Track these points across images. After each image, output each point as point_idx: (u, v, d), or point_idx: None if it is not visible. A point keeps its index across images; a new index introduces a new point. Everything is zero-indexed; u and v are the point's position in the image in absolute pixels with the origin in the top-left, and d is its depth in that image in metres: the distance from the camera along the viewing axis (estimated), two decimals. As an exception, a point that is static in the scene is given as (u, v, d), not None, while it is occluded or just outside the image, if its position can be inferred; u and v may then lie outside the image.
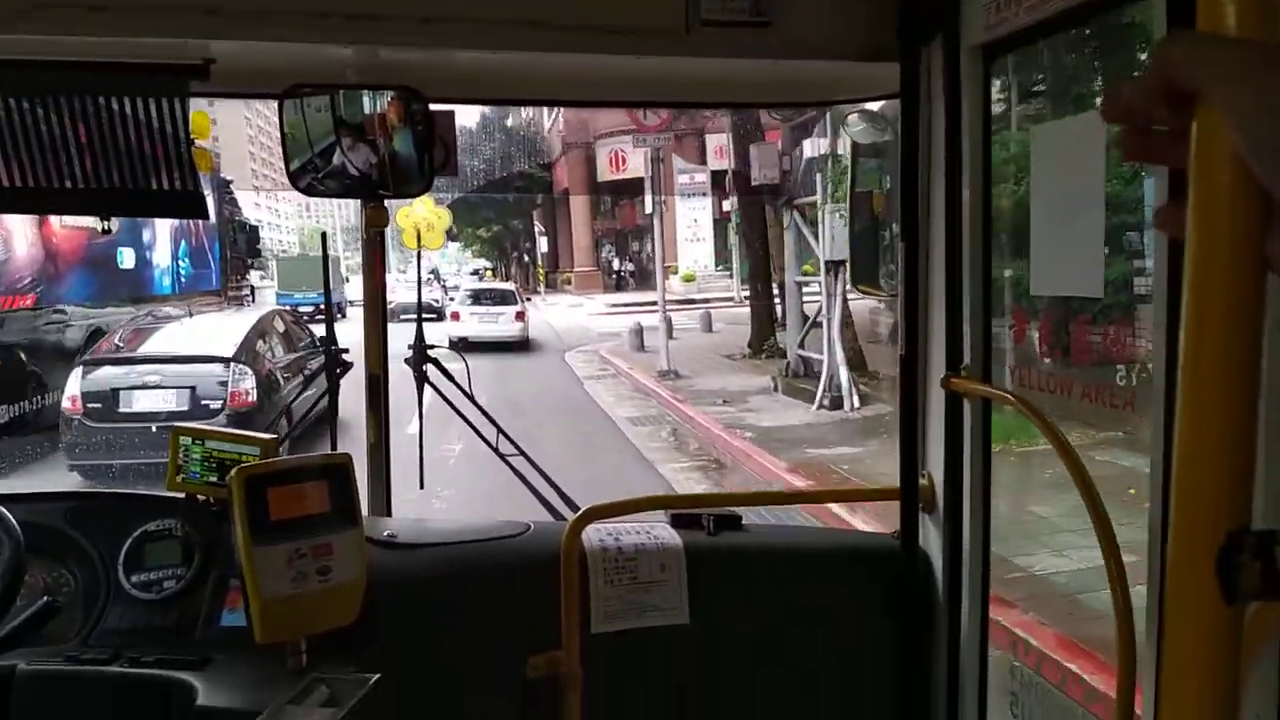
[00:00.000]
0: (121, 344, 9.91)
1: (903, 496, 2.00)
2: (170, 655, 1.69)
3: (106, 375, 8.83)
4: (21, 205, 1.81)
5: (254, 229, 21.47)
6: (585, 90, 2.23)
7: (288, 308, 13.54)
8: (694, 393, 13.19)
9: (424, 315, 2.67)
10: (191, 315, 11.81)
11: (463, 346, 18.21)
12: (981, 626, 1.93)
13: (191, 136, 1.84)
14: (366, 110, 2.02)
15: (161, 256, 14.58)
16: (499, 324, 19.67)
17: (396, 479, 2.32)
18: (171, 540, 1.89)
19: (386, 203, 2.21)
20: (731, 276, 30.47)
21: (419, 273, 2.96)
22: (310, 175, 2.04)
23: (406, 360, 2.40)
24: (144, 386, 8.72)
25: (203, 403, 8.70)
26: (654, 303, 27.97)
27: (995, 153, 1.83)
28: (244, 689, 1.58)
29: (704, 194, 31.67)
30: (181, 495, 1.93)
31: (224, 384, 8.81)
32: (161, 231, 14.17)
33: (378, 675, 1.54)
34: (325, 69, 1.93)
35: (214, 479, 1.89)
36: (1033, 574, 4.91)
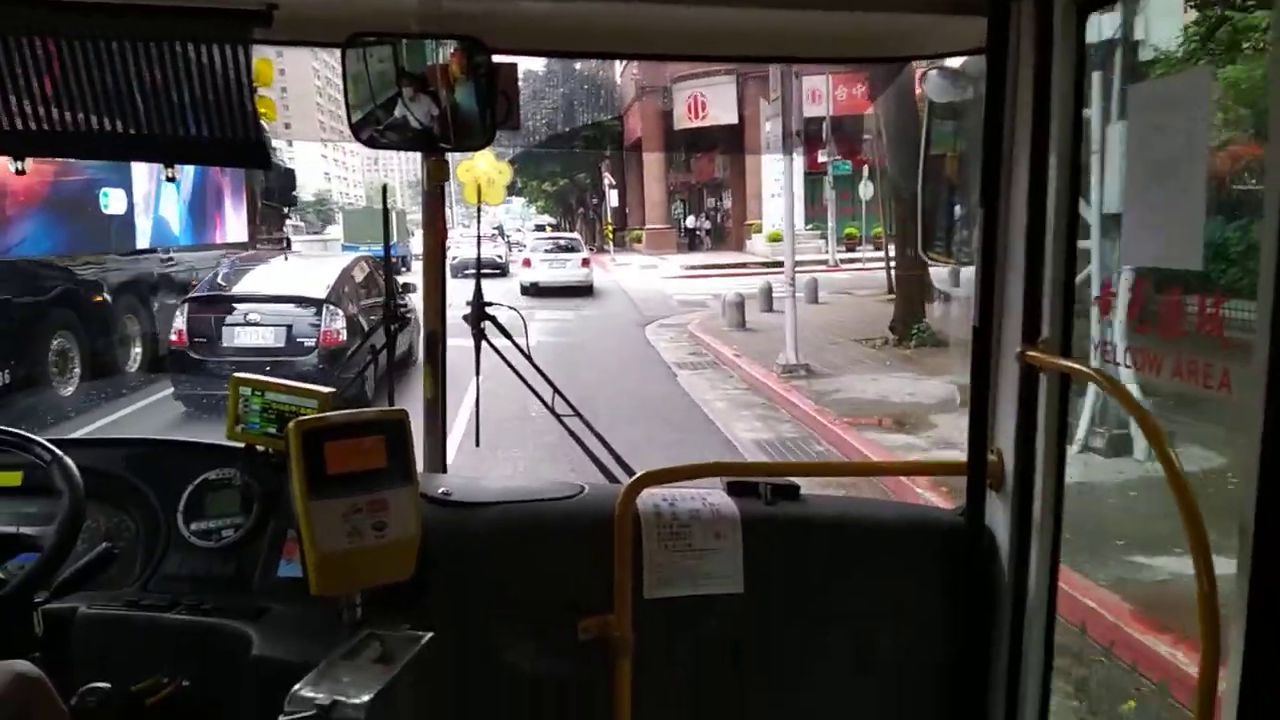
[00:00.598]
0: (223, 283, 10.53)
1: (970, 472, 1.93)
2: (227, 604, 1.71)
3: (210, 313, 9.50)
4: (80, 149, 1.82)
5: (289, 173, 18.91)
6: (653, 42, 2.16)
7: (369, 256, 13.66)
8: (843, 403, 9.47)
9: (488, 271, 2.64)
10: (286, 258, 12.77)
11: (534, 291, 20.93)
12: (1048, 610, 1.86)
13: (254, 84, 1.82)
14: (429, 61, 1.98)
15: (161, 202, 12.40)
16: (566, 269, 21.94)
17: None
18: (231, 490, 1.91)
19: (448, 157, 2.17)
20: (824, 238, 28.21)
21: (478, 228, 2.93)
22: (372, 127, 2.01)
23: (465, 317, 2.38)
24: (245, 324, 9.40)
25: (297, 340, 9.31)
26: (735, 266, 27.00)
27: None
28: (298, 641, 1.59)
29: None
30: (241, 445, 1.94)
31: (315, 324, 9.34)
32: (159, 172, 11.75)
33: (431, 634, 1.54)
34: (388, 18, 1.89)
35: (273, 430, 1.90)
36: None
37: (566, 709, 1.89)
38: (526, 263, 22.44)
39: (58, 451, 1.68)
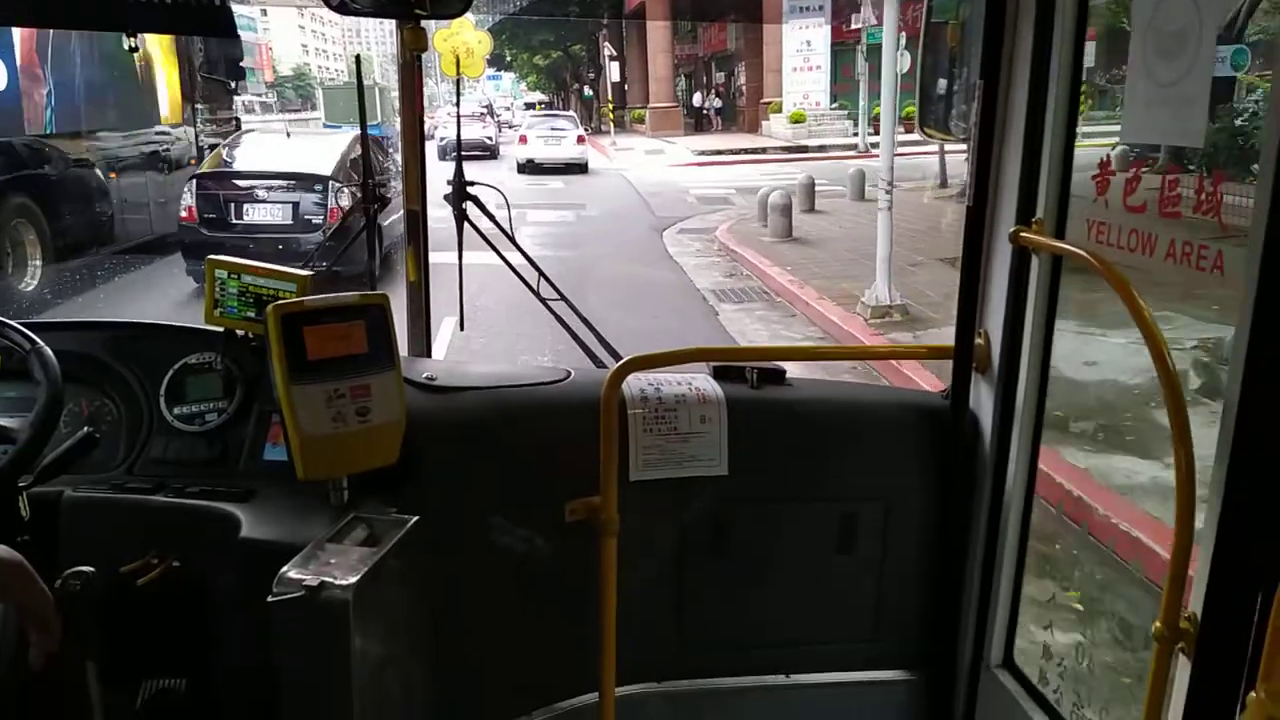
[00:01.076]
0: (230, 160, 10.34)
1: (956, 354, 1.92)
2: (213, 487, 1.72)
3: (218, 189, 9.36)
4: (26, 16, 1.71)
5: (235, 40, 14.39)
6: None
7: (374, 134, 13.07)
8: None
9: (478, 154, 2.56)
10: (289, 135, 12.33)
11: (530, 168, 21.09)
12: (1026, 493, 1.89)
13: None
14: (401, -80, 1.85)
15: (56, 78, 9.52)
16: (561, 146, 21.84)
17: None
18: (212, 374, 1.89)
19: (425, 25, 2.06)
20: (854, 120, 24.77)
21: (458, 101, 2.82)
22: (343, -9, 1.89)
23: (445, 197, 2.31)
24: (253, 200, 9.30)
25: (305, 217, 9.20)
26: (752, 151, 25.02)
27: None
28: (286, 523, 1.60)
29: (821, 7, 25.81)
30: (220, 329, 1.91)
31: (321, 202, 9.22)
32: (42, 41, 9.16)
33: (416, 517, 1.55)
34: None
35: (251, 314, 1.87)
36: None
37: (553, 590, 1.94)
38: (523, 140, 22.33)
39: (35, 338, 1.64)
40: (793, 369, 2.12)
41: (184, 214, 9.38)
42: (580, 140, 22.56)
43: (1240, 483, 1.19)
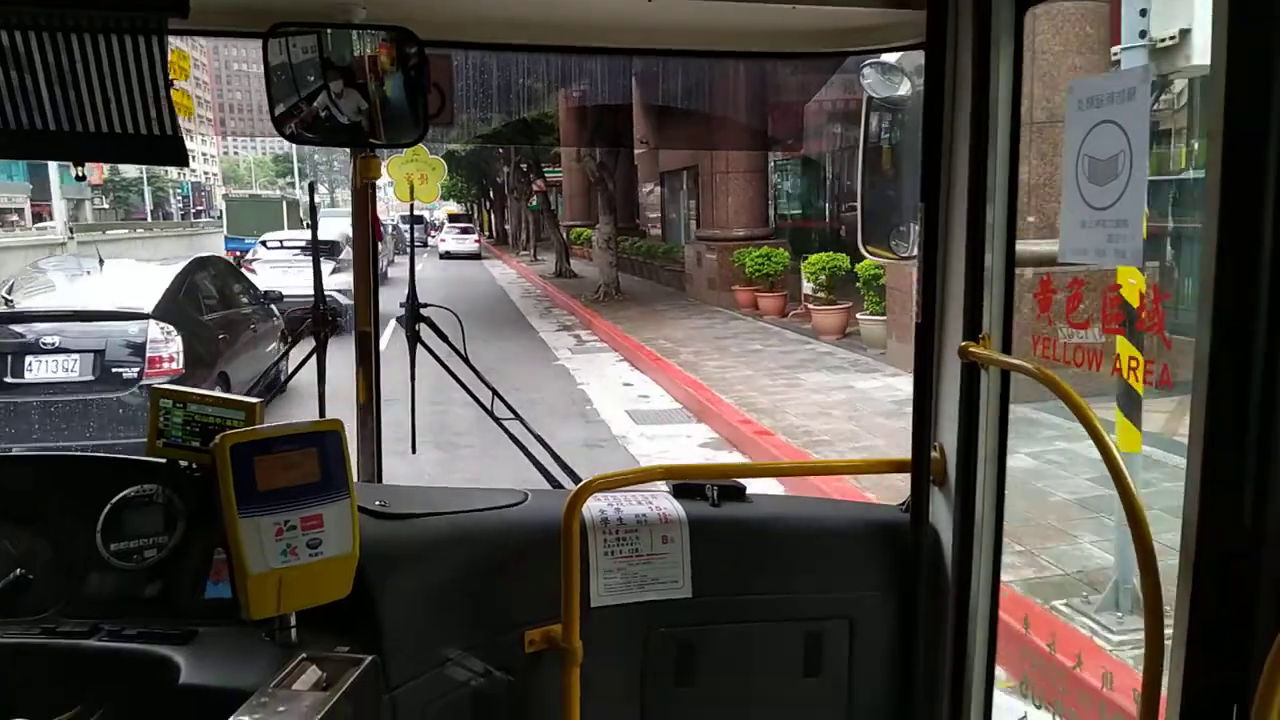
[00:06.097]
0: (9, 296, 7.79)
1: (914, 468, 1.93)
2: (152, 629, 1.62)
3: None
4: None
5: None
6: (589, 35, 2.11)
7: (230, 253, 12.02)
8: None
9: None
10: (101, 261, 8.72)
11: (447, 256, 35.03)
12: (991, 602, 1.87)
13: (170, 77, 1.73)
14: (356, 52, 1.90)
15: None
16: (465, 244, 36.86)
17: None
18: (153, 507, 1.81)
19: (378, 153, 2.10)
20: None
21: (411, 229, 2.85)
22: (294, 120, 1.93)
23: (398, 319, 2.30)
24: (39, 350, 6.88)
25: (113, 370, 6.96)
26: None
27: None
28: (230, 666, 1.51)
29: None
30: (163, 460, 1.84)
31: (138, 347, 7.02)
32: None
33: (371, 656, 1.47)
34: (312, 6, 1.81)
35: (197, 444, 1.80)
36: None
37: None
38: (442, 240, 37.42)
39: None
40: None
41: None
42: (476, 240, 38.75)
43: (1205, 596, 1.19)
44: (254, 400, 1.80)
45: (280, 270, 14.69)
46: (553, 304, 20.80)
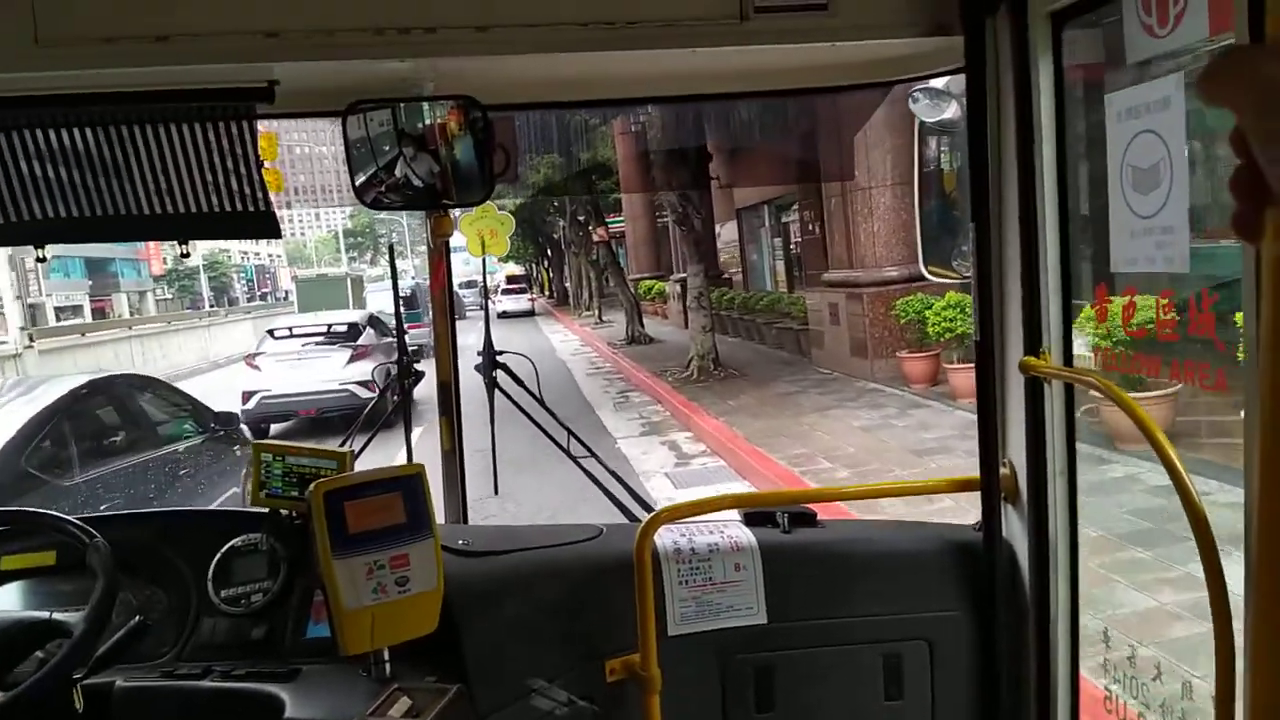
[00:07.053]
0: None
1: (983, 487, 1.93)
2: (259, 668, 1.73)
3: None
4: (96, 234, 1.88)
5: None
6: (641, 88, 2.21)
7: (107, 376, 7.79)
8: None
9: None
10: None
11: (502, 315, 33.35)
12: (1072, 620, 1.86)
13: (260, 157, 1.89)
14: (427, 121, 2.03)
15: None
16: (520, 303, 37.65)
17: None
18: (257, 555, 1.94)
19: (451, 212, 2.23)
20: None
21: (484, 280, 2.99)
22: (376, 189, 2.06)
23: (476, 367, 2.42)
24: None
25: None
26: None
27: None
28: (329, 700, 1.61)
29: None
30: (265, 510, 1.98)
31: None
32: None
33: (458, 685, 1.56)
34: (385, 83, 1.95)
35: (295, 493, 1.94)
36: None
37: None
38: (498, 301, 36.77)
39: (94, 532, 1.71)
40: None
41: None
42: (531, 300, 39.91)
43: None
44: (344, 450, 1.93)
45: (288, 365, 12.79)
46: (629, 384, 15.40)
